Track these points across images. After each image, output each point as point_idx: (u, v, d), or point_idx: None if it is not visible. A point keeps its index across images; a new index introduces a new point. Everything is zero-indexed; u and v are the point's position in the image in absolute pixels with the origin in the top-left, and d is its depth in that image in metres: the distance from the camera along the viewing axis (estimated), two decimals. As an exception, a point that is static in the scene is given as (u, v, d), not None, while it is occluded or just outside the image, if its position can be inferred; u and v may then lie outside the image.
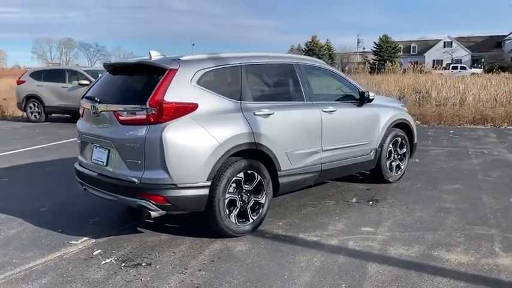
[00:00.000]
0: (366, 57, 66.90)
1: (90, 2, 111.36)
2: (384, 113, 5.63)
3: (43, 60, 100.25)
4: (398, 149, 5.98)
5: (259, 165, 4.19)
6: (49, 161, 7.80)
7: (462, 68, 47.21)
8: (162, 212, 3.79)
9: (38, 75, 14.28)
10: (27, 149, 9.10)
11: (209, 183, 3.82)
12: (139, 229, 4.40)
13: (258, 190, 4.25)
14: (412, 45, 71.92)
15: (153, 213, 3.74)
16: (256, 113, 4.17)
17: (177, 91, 3.76)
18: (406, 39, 72.33)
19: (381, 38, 65.79)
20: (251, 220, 4.18)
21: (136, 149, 3.70)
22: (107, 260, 3.71)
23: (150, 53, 4.17)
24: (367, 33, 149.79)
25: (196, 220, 4.46)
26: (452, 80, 19.08)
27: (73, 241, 4.12)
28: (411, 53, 70.22)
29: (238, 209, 4.08)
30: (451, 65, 47.31)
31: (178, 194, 3.72)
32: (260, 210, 4.27)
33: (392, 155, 5.90)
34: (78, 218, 4.76)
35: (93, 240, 4.14)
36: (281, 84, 4.90)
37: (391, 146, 5.82)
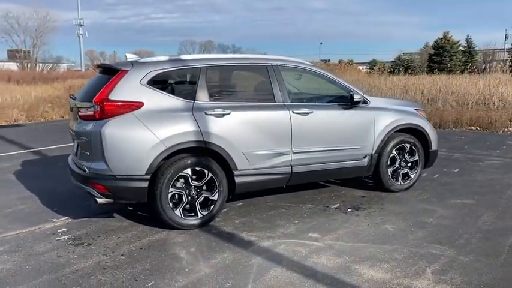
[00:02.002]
0: (515, 54, 59.46)
1: (232, 6, 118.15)
2: (382, 117, 5.29)
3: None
4: (406, 156, 5.54)
5: (209, 163, 4.35)
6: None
7: None
8: (109, 200, 4.20)
9: None
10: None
11: (148, 177, 4.11)
12: (114, 214, 4.88)
13: (210, 187, 4.41)
14: None
15: (99, 200, 4.17)
16: (208, 113, 4.33)
17: (124, 90, 4.13)
18: None
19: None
20: (200, 215, 4.37)
21: (86, 142, 4.17)
22: (61, 238, 4.24)
23: (126, 56, 4.62)
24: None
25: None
26: None
27: (54, 219, 4.76)
28: None
29: (185, 204, 4.30)
30: None
31: (117, 185, 4.09)
32: (212, 207, 4.42)
33: (398, 162, 5.49)
34: (76, 200, 5.40)
35: (69, 220, 4.73)
36: (247, 86, 4.97)
37: (394, 152, 5.43)
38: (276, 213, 4.85)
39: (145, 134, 4.08)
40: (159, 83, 4.29)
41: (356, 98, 4.99)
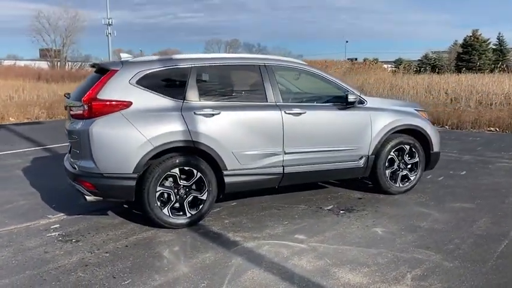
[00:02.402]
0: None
1: (258, 5, 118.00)
2: (379, 117, 5.19)
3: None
4: (405, 158, 5.43)
5: (198, 162, 4.37)
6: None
7: None
8: (97, 198, 4.26)
9: None
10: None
11: (135, 176, 4.15)
12: (108, 212, 4.95)
13: (199, 187, 4.43)
14: None
15: (88, 198, 4.25)
16: (198, 113, 4.34)
17: (113, 90, 4.18)
18: None
19: None
20: (188, 214, 4.39)
21: (76, 140, 4.24)
22: (52, 234, 4.33)
23: (120, 55, 4.68)
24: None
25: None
26: None
27: (50, 215, 4.87)
28: None
29: (173, 203, 4.33)
30: None
31: (105, 183, 4.15)
32: (201, 207, 4.43)
33: (396, 163, 5.38)
34: (74, 198, 5.46)
35: (64, 217, 4.83)
36: (239, 86, 4.93)
37: (393, 153, 5.32)
38: (267, 213, 4.83)
39: (132, 133, 4.12)
40: (149, 82, 4.32)
41: (351, 98, 4.91)
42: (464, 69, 29.18)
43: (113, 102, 4.14)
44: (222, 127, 4.43)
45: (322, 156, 4.94)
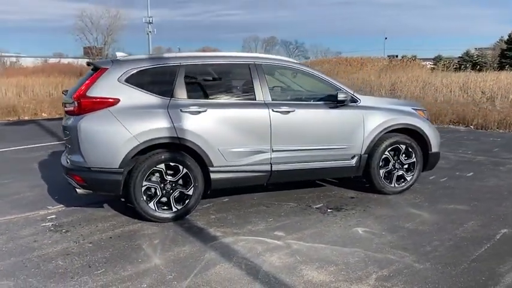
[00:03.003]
0: None
1: (298, 1, 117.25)
2: (372, 116, 5.13)
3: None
4: (401, 158, 5.35)
5: (184, 158, 4.48)
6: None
7: None
8: (87, 191, 4.46)
9: None
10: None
11: (121, 170, 4.32)
12: (104, 205, 5.15)
13: (185, 182, 4.55)
14: None
15: (78, 191, 4.46)
16: (184, 110, 4.46)
17: (102, 87, 4.36)
18: None
19: None
20: (174, 209, 4.52)
21: (68, 135, 4.45)
22: (46, 224, 4.56)
23: (116, 54, 4.87)
24: None
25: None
26: None
27: (50, 206, 5.12)
28: None
29: (159, 197, 4.47)
30: None
31: (93, 177, 4.34)
32: (187, 202, 4.55)
33: (391, 163, 5.32)
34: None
35: (63, 208, 5.07)
36: (227, 84, 4.99)
37: (387, 153, 5.26)
38: (255, 210, 4.89)
39: (119, 129, 4.28)
40: (137, 80, 4.46)
41: (341, 96, 4.89)
42: (508, 66, 27.98)
43: (101, 99, 4.31)
44: (208, 124, 4.52)
45: (312, 154, 4.95)
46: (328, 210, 4.86)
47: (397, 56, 50.85)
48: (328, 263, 3.57)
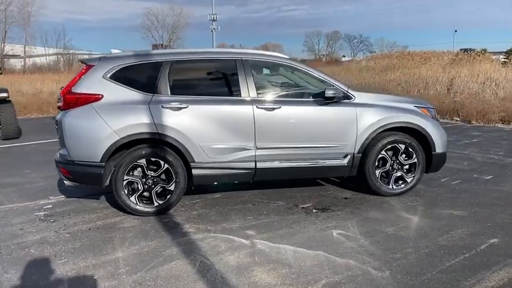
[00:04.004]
0: None
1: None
2: (366, 114, 4.89)
3: (311, 52, 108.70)
4: (400, 158, 5.06)
5: (165, 154, 4.53)
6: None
7: None
8: (74, 183, 4.64)
9: None
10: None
11: (103, 164, 4.44)
12: (100, 197, 5.33)
13: (167, 177, 4.60)
14: None
15: (66, 182, 4.66)
16: (165, 106, 4.50)
17: (87, 83, 4.50)
18: None
19: None
20: (156, 204, 4.59)
21: (57, 129, 4.65)
22: (39, 213, 4.81)
23: (111, 51, 5.03)
24: None
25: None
26: None
27: (52, 197, 5.40)
28: None
29: (140, 192, 4.56)
30: None
31: (76, 170, 4.50)
32: (168, 197, 4.61)
33: (389, 164, 5.05)
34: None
35: (62, 199, 5.32)
36: (212, 80, 4.95)
37: (384, 153, 5.00)
38: (240, 208, 4.85)
39: (100, 124, 4.41)
40: (122, 76, 4.56)
41: (329, 93, 4.70)
42: None
43: (84, 95, 4.45)
44: (189, 120, 4.53)
45: (299, 152, 4.81)
46: (314, 210, 4.71)
47: (469, 50, 47.91)
48: (283, 265, 3.47)
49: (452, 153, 7.42)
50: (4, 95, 9.38)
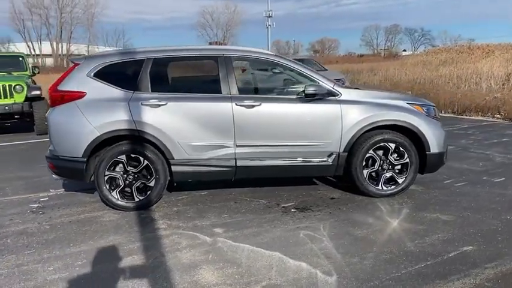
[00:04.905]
0: None
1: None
2: (352, 111, 4.70)
3: (369, 47, 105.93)
4: (391, 158, 4.82)
5: (144, 150, 4.61)
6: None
7: None
8: (60, 177, 4.84)
9: None
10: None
11: (84, 159, 4.59)
12: (95, 191, 5.46)
13: (148, 174, 4.68)
14: None
15: (53, 176, 4.86)
16: (144, 103, 4.58)
17: (71, 82, 4.67)
18: None
19: None
20: (136, 199, 4.68)
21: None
22: (34, 205, 5.06)
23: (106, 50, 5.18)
24: None
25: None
26: None
27: (52, 190, 5.65)
28: None
29: (121, 187, 4.67)
30: None
31: (61, 164, 4.69)
32: (149, 193, 4.69)
33: (378, 164, 4.82)
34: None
35: (60, 192, 5.56)
36: (193, 77, 4.95)
37: (372, 152, 4.79)
38: (221, 205, 4.83)
39: (82, 121, 4.55)
40: (104, 74, 4.67)
41: (309, 90, 4.57)
42: None
43: (68, 93, 4.62)
44: (168, 117, 4.57)
45: (279, 151, 4.71)
46: (292, 210, 4.61)
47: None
48: (233, 264, 3.42)
49: (471, 153, 6.98)
50: (37, 92, 9.93)
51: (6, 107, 9.36)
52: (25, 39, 58.04)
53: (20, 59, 11.26)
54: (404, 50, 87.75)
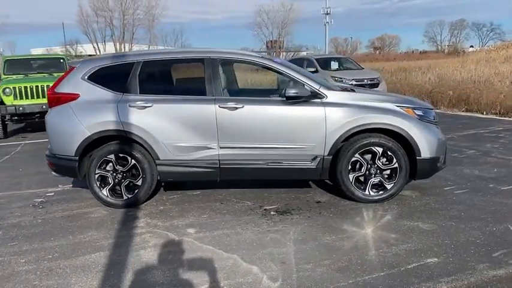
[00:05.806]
0: None
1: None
2: (337, 114, 4.59)
3: (433, 43, 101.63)
4: (378, 163, 4.67)
5: (132, 150, 4.79)
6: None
7: None
8: (58, 174, 5.13)
9: None
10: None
11: (76, 158, 4.84)
12: (99, 188, 5.79)
13: (136, 173, 4.86)
14: None
15: (53, 173, 5.16)
16: (131, 105, 4.75)
17: (68, 84, 4.93)
18: None
19: None
20: (125, 197, 4.88)
21: (47, 125, 5.18)
22: (38, 200, 5.40)
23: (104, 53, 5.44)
24: None
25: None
26: None
27: (61, 185, 5.99)
28: None
29: (111, 185, 4.88)
30: None
31: (57, 162, 4.97)
32: (136, 191, 4.87)
33: (365, 168, 4.69)
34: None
35: (67, 188, 5.89)
36: (180, 79, 5.02)
37: (358, 156, 4.66)
38: (206, 205, 4.91)
39: (74, 121, 4.80)
40: (97, 77, 4.89)
41: (289, 92, 4.52)
42: None
43: (63, 95, 4.88)
44: (153, 119, 4.71)
45: (262, 153, 4.70)
46: (272, 213, 4.59)
47: None
48: (186, 266, 3.51)
49: (491, 158, 6.58)
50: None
51: (44, 106, 9.97)
52: (91, 40, 61.20)
53: (61, 60, 11.94)
54: (472, 46, 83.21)
